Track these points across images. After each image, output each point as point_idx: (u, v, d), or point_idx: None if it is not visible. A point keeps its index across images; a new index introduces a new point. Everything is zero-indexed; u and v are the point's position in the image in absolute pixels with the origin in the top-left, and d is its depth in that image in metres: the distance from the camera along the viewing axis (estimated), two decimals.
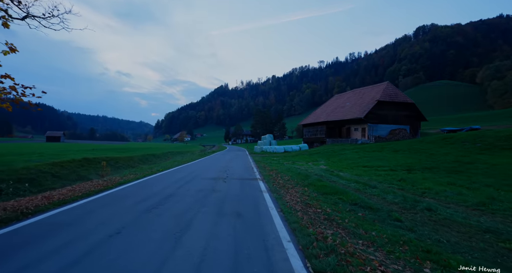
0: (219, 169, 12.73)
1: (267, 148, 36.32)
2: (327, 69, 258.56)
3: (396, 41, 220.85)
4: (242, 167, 14.50)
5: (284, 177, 10.27)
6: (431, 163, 14.99)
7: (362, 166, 15.89)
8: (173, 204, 5.35)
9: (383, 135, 29.25)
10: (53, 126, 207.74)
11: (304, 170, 13.96)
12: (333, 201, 6.24)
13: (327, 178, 10.92)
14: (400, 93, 30.11)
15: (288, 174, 11.19)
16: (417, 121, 30.56)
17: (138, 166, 24.49)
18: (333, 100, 41.53)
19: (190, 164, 16.66)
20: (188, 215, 4.54)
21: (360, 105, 30.77)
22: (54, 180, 13.90)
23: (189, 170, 12.25)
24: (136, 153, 31.25)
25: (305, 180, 9.58)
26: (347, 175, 12.35)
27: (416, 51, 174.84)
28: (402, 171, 13.31)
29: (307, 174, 11.48)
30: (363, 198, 6.52)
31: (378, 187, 8.63)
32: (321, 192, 7.24)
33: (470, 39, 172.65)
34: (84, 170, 17.47)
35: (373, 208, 5.62)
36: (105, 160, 21.62)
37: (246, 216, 4.60)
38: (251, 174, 10.93)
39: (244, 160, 20.61)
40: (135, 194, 6.24)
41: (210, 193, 6.51)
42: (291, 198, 6.28)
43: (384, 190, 8.01)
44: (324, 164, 18.00)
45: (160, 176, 9.69)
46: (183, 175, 10.10)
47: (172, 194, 6.30)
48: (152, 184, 7.85)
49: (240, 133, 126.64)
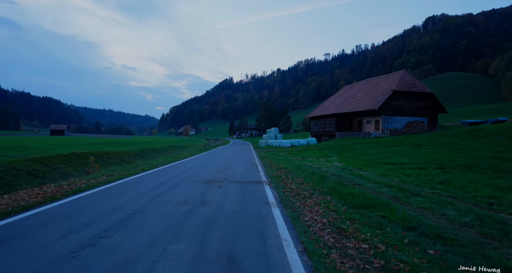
0: (218, 168, 10.78)
1: (273, 142, 34.26)
2: (333, 62, 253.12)
3: (405, 32, 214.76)
4: (245, 164, 12.52)
5: (296, 179, 8.27)
6: (464, 160, 12.83)
7: (383, 163, 13.77)
8: (126, 236, 3.33)
9: (398, 128, 26.96)
10: (60, 120, 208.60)
11: (317, 168, 11.93)
12: (376, 222, 4.22)
13: (348, 179, 8.89)
14: (417, 82, 27.65)
15: (300, 175, 9.18)
16: (435, 112, 28.14)
17: (133, 161, 22.71)
18: (343, 91, 39.11)
19: (187, 160, 14.74)
20: (138, 266, 2.55)
21: (374, 96, 28.43)
22: (29, 179, 12.08)
23: (182, 169, 10.33)
24: (134, 147, 29.50)
25: (323, 183, 7.58)
26: (370, 175, 10.30)
27: (426, 42, 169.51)
28: (434, 170, 11.19)
29: (323, 174, 9.46)
30: (416, 216, 4.49)
31: (421, 194, 6.58)
32: (351, 205, 5.22)
33: (482, 29, 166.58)
34: (69, 166, 15.67)
35: (444, 237, 3.59)
36: (97, 155, 19.86)
37: (244, 266, 2.60)
38: (254, 175, 8.94)
39: (248, 155, 18.64)
40: (79, 214, 4.17)
41: (195, 209, 4.54)
42: (313, 216, 4.28)
43: (434, 200, 5.95)
44: (338, 161, 15.92)
45: (141, 178, 7.75)
46: (171, 176, 8.16)
47: (137, 212, 4.30)
48: (122, 191, 5.90)
49: (244, 127, 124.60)
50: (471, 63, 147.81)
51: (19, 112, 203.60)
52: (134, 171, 8.98)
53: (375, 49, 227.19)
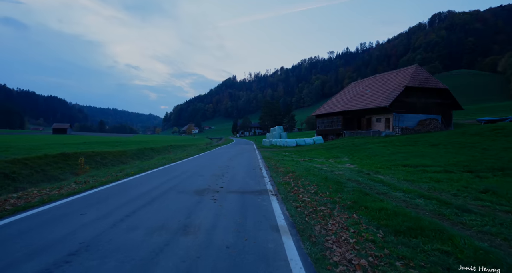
0: (216, 171, 9.42)
1: (277, 141, 32.84)
2: (337, 60, 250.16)
3: (410, 29, 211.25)
4: (247, 167, 11.16)
5: (307, 187, 6.88)
6: (494, 162, 11.38)
7: (401, 165, 12.33)
8: None
9: (410, 126, 25.41)
10: (64, 119, 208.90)
11: (329, 171, 10.52)
12: (439, 263, 2.82)
13: (369, 186, 7.48)
14: (431, 78, 26.06)
15: (312, 180, 7.78)
16: (450, 110, 26.53)
17: (129, 161, 21.48)
18: (350, 87, 37.55)
19: (183, 161, 13.41)
20: None
21: (384, 92, 26.88)
22: (6, 183, 10.83)
23: (174, 172, 8.99)
24: (133, 147, 28.29)
25: (341, 192, 6.18)
26: (392, 180, 8.88)
27: (432, 40, 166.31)
28: (464, 174, 9.75)
29: (338, 179, 8.07)
30: (491, 250, 3.10)
31: (470, 208, 5.16)
32: (389, 228, 3.82)
33: (490, 26, 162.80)
34: (57, 168, 14.43)
35: None
36: (90, 155, 18.64)
37: None
38: (258, 181, 7.56)
39: (251, 156, 17.27)
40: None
41: (173, 241, 3.15)
42: (344, 254, 2.91)
43: (494, 218, 4.53)
44: (350, 162, 14.47)
45: (119, 186, 6.41)
46: (158, 183, 6.81)
47: (83, 248, 2.89)
48: (84, 207, 4.48)
49: (248, 126, 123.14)
50: (479, 61, 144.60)
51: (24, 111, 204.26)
52: (115, 177, 7.63)
53: (379, 47, 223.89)
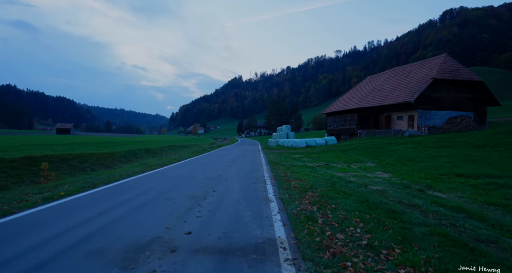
0: (196, 190, 6.45)
1: (284, 142, 29.72)
2: (345, 59, 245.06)
3: (420, 27, 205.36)
4: (246, 179, 8.16)
5: (346, 225, 3.85)
6: None
7: (454, 174, 9.17)
8: None
9: (438, 124, 22.08)
10: (72, 119, 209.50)
11: (361, 185, 7.43)
12: None
13: (446, 219, 4.43)
14: (463, 69, 22.63)
15: (348, 208, 4.74)
16: (484, 106, 23.07)
17: (116, 165, 18.67)
18: (365, 82, 34.19)
19: (163, 169, 10.50)
20: None
21: (407, 86, 23.58)
22: None
23: (125, 196, 5.95)
24: (124, 148, 25.54)
25: (414, 241, 3.17)
26: (466, 203, 5.78)
27: (444, 37, 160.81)
28: None
29: (387, 204, 5.04)
30: None
31: None
32: None
33: (506, 22, 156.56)
34: (13, 176, 11.67)
35: None
36: (65, 159, 15.84)
37: None
38: (260, 214, 4.57)
39: (254, 161, 14.26)
40: None
41: None
42: None
43: None
44: (380, 169, 11.29)
45: (45, 212, 3.51)
46: (61, 230, 3.91)
47: None
48: None
49: (253, 125, 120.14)
50: (494, 57, 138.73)
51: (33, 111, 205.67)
52: (63, 193, 4.70)
53: (388, 45, 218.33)
